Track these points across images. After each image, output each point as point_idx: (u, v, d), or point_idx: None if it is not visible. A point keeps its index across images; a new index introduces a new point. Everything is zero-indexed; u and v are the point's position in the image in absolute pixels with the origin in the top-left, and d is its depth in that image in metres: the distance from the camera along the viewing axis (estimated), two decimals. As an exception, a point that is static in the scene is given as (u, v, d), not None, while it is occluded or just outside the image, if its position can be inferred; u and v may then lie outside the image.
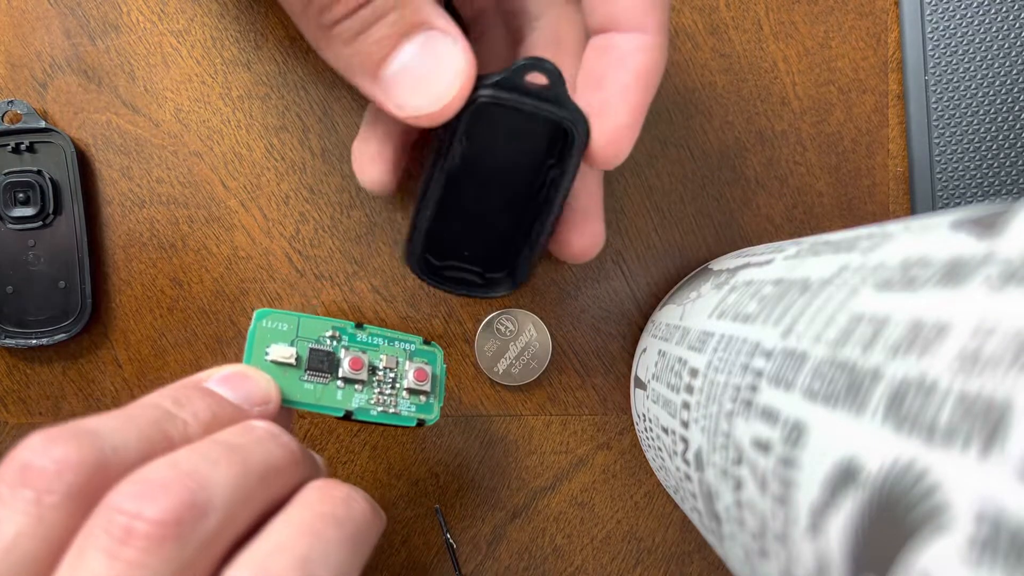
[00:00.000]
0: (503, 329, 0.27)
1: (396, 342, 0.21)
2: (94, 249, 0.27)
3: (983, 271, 0.09)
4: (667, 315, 0.24)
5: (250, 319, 0.28)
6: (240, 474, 0.14)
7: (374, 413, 0.20)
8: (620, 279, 0.27)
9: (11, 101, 0.26)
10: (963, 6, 0.25)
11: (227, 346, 0.27)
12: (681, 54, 0.27)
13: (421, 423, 0.20)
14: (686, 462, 0.18)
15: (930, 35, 0.26)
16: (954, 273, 0.10)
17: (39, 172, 0.26)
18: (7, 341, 0.26)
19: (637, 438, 0.28)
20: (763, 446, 0.13)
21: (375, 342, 0.21)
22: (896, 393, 0.09)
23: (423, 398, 0.21)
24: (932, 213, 0.26)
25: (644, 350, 0.25)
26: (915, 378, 0.09)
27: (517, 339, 0.27)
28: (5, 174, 0.26)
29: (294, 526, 0.14)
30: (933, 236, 0.11)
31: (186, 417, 0.16)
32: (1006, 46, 0.25)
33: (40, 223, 0.26)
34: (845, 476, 0.10)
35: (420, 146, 0.22)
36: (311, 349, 0.19)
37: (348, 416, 0.19)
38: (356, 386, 0.20)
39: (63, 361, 0.28)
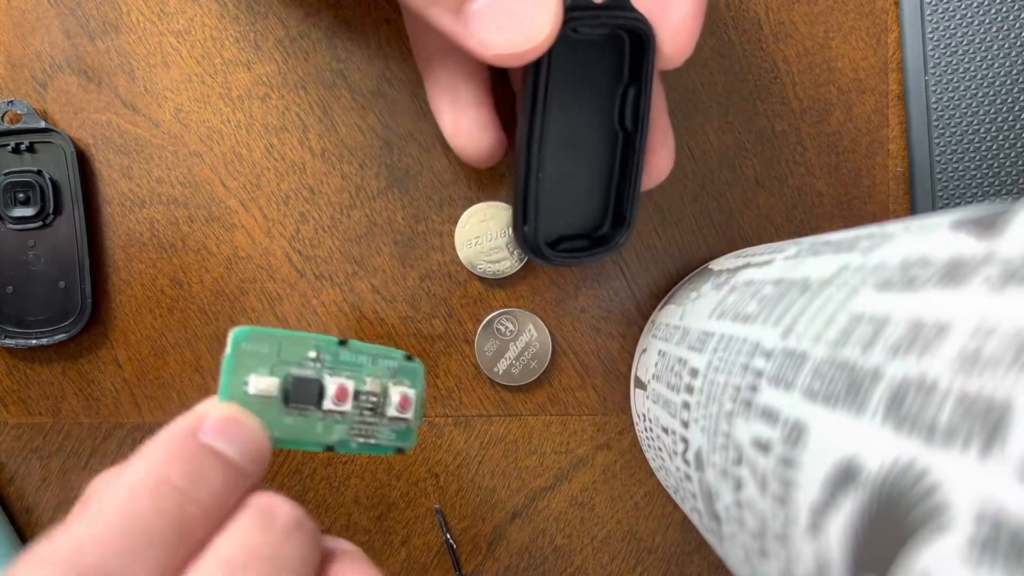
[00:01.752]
0: (503, 329, 0.27)
1: (380, 359, 0.19)
2: (94, 249, 0.27)
3: (983, 271, 0.09)
4: (667, 315, 0.24)
5: (251, 319, 0.28)
6: None
7: (354, 445, 0.19)
8: (620, 279, 0.27)
9: (11, 101, 0.26)
10: (963, 6, 0.25)
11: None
12: (681, 54, 0.27)
13: (400, 451, 0.20)
14: (686, 462, 0.18)
15: (930, 35, 0.26)
16: (954, 273, 0.10)
17: (39, 172, 0.26)
18: (7, 341, 0.26)
19: (637, 438, 0.28)
20: (763, 446, 0.13)
21: (359, 360, 0.19)
22: (896, 393, 0.09)
23: (403, 424, 0.20)
24: (932, 213, 0.26)
25: (644, 350, 0.25)
26: (915, 378, 0.09)
27: (517, 339, 0.27)
28: (5, 174, 0.26)
29: None
30: (933, 236, 0.11)
31: (202, 497, 0.13)
32: (1006, 46, 0.25)
33: (40, 223, 0.26)
34: (845, 476, 0.10)
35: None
36: (294, 378, 0.17)
37: (330, 450, 0.18)
38: (338, 417, 0.18)
39: (63, 361, 0.28)
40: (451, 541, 0.28)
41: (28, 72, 0.26)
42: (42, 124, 0.26)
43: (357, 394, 0.18)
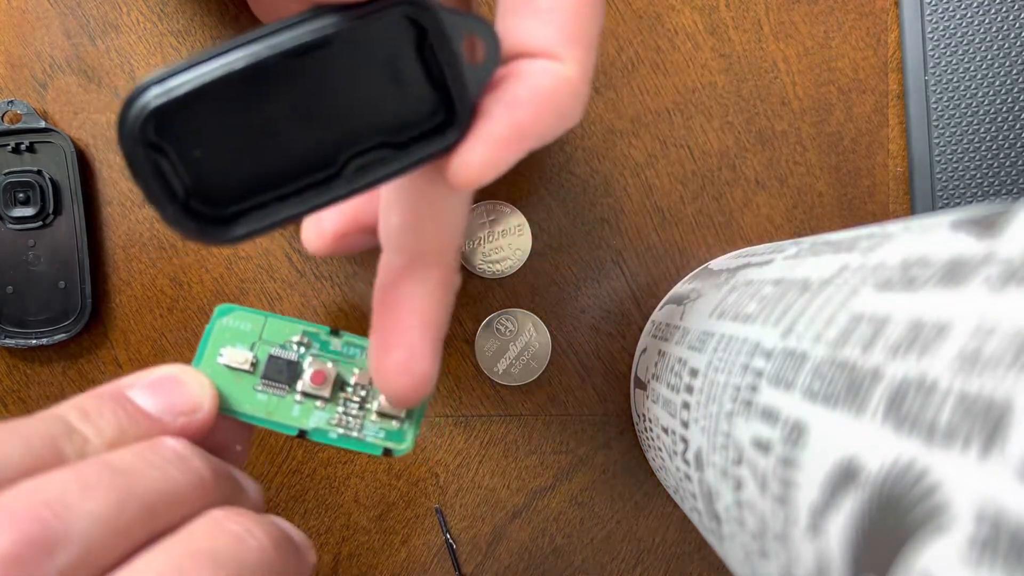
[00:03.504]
0: (503, 329, 0.27)
1: None
2: (94, 249, 0.27)
3: (983, 271, 0.09)
4: (667, 315, 0.24)
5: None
6: (116, 503, 0.13)
7: (333, 436, 0.17)
8: (620, 279, 0.27)
9: (11, 101, 0.26)
10: (963, 6, 0.25)
11: (227, 346, 0.28)
12: (681, 54, 0.27)
13: (388, 452, 0.18)
14: (686, 462, 0.18)
15: (930, 35, 0.26)
16: (954, 273, 0.10)
17: (39, 172, 0.26)
18: (7, 341, 0.26)
19: (637, 438, 0.28)
20: (763, 446, 0.13)
21: (351, 352, 0.18)
22: (896, 393, 0.09)
23: (395, 423, 0.18)
24: (932, 213, 0.26)
25: (644, 350, 0.25)
26: (915, 378, 0.09)
27: (517, 339, 0.27)
28: (5, 174, 0.26)
29: (157, 564, 0.13)
30: (933, 236, 0.11)
31: (88, 433, 0.14)
32: (1006, 46, 0.25)
33: (40, 223, 0.26)
34: (845, 476, 0.10)
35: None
36: (271, 356, 0.17)
37: (302, 435, 0.17)
38: (317, 402, 0.17)
39: (63, 361, 0.28)
40: (451, 541, 0.28)
41: (28, 72, 0.26)
42: (42, 124, 0.26)
43: (343, 384, 0.18)
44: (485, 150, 0.14)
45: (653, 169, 0.27)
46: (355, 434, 0.18)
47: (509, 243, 0.26)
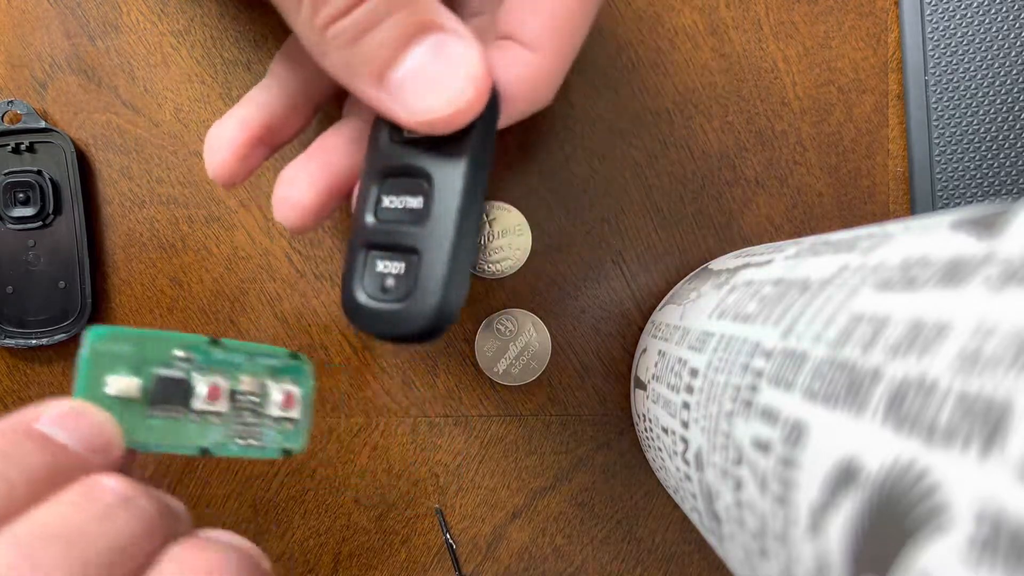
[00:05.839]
0: (503, 329, 0.27)
1: (259, 358, 0.18)
2: (94, 249, 0.27)
3: (983, 271, 0.09)
4: (667, 315, 0.24)
5: (251, 319, 0.28)
6: None
7: (234, 448, 0.17)
8: (620, 279, 0.27)
9: (11, 101, 0.26)
10: (963, 6, 0.25)
11: (227, 346, 0.27)
12: (681, 54, 0.27)
13: (287, 453, 0.18)
14: (686, 462, 0.18)
15: (930, 35, 0.26)
16: (954, 273, 0.10)
17: (39, 172, 0.26)
18: (7, 341, 0.26)
19: (637, 438, 0.28)
20: (763, 446, 0.13)
21: (235, 360, 0.18)
22: (896, 393, 0.09)
23: (290, 425, 0.18)
24: (932, 213, 0.26)
25: (644, 350, 0.25)
26: (915, 378, 0.09)
27: (517, 339, 0.27)
28: (5, 174, 0.26)
29: None
30: (933, 236, 0.11)
31: (13, 476, 0.13)
32: (1006, 46, 0.25)
33: (40, 223, 0.26)
34: (845, 476, 0.10)
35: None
36: (159, 378, 0.16)
37: (205, 453, 0.17)
38: (214, 418, 0.17)
39: (63, 361, 0.28)
40: (451, 541, 0.28)
41: (28, 72, 0.26)
42: (42, 124, 0.26)
43: (233, 394, 0.18)
44: (539, 63, 0.17)
45: (653, 169, 0.27)
46: (255, 442, 0.18)
47: (509, 243, 0.26)
